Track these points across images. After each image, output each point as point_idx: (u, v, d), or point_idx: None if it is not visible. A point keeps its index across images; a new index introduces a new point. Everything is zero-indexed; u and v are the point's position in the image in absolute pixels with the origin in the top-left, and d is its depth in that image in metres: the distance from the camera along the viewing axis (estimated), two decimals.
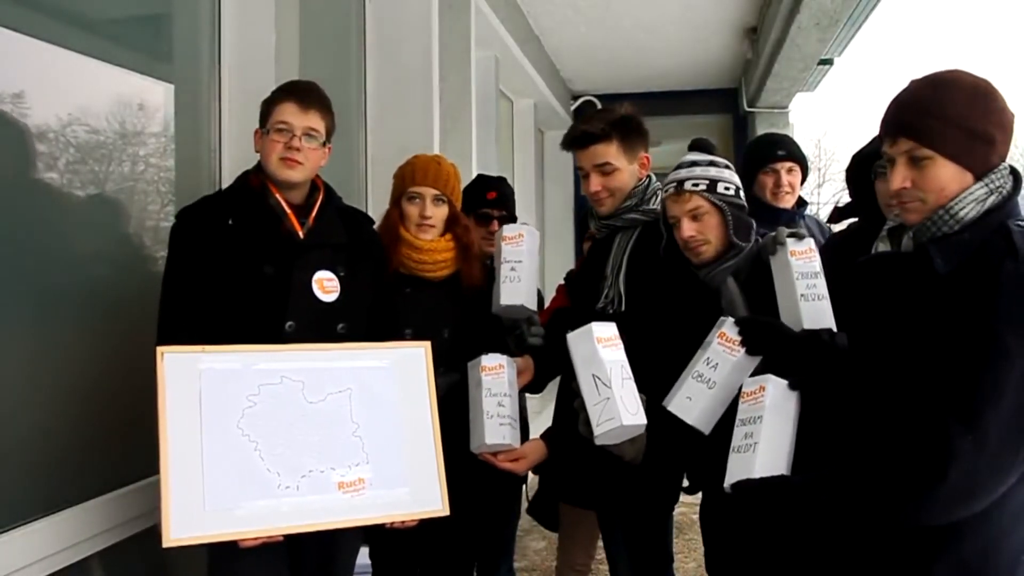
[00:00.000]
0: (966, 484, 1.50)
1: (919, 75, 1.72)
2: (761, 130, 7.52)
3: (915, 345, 1.61)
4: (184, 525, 1.84)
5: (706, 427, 2.01)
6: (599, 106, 7.67)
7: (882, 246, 1.80)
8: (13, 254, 2.08)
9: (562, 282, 2.89)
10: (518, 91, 7.25)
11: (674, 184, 2.24)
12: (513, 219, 3.12)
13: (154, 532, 2.27)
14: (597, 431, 2.02)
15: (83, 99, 2.37)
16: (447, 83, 4.24)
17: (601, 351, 2.05)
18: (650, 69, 8.00)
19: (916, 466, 1.52)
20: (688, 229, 2.21)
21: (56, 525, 2.07)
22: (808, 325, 1.98)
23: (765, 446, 1.75)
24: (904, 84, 1.73)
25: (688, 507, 4.86)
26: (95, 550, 2.21)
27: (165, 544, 1.82)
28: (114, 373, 2.30)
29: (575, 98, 8.77)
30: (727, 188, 2.24)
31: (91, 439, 2.25)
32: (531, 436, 2.47)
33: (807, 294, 2.03)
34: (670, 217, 2.27)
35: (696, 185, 2.22)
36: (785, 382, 1.81)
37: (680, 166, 2.28)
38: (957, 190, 1.63)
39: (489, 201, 3.11)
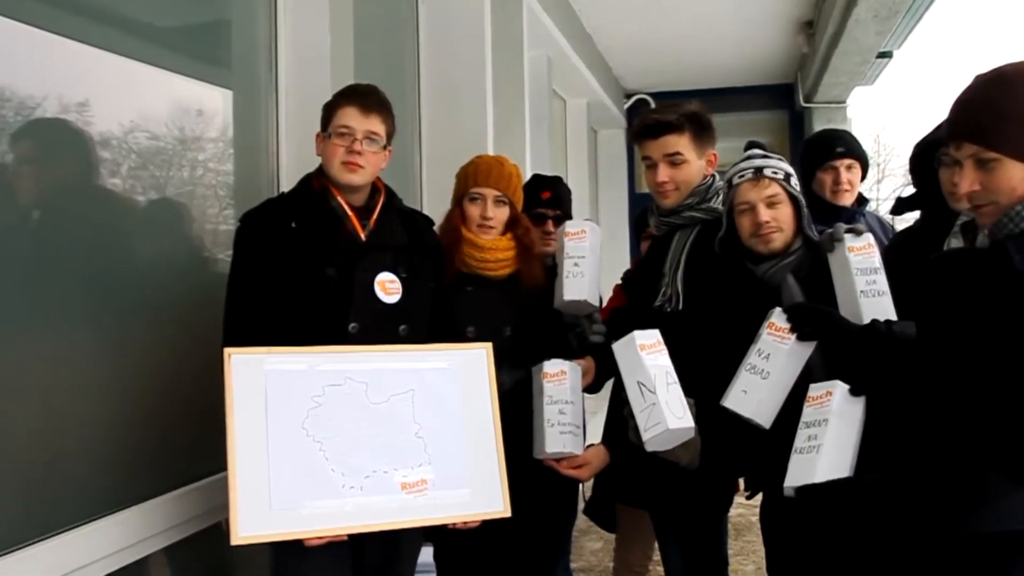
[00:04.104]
0: None
1: (984, 70, 1.67)
2: (818, 126, 7.41)
3: (991, 343, 1.56)
4: (252, 523, 1.86)
5: (765, 420, 1.98)
6: (652, 104, 7.64)
7: (955, 242, 1.76)
8: (80, 258, 2.13)
9: (619, 282, 2.87)
10: (571, 90, 7.23)
11: (752, 170, 2.23)
12: (569, 218, 3.10)
13: (217, 529, 2.31)
14: (645, 436, 2.02)
15: (144, 106, 2.41)
16: (500, 83, 4.24)
17: (645, 358, 2.06)
18: (703, 66, 7.92)
19: (990, 470, 1.48)
20: (765, 214, 2.19)
21: (122, 522, 2.11)
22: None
23: (829, 449, 1.72)
24: (968, 80, 1.67)
25: (747, 509, 4.80)
26: (159, 547, 2.24)
27: (233, 542, 1.84)
28: (179, 372, 2.34)
29: (628, 96, 8.72)
30: (796, 184, 2.25)
31: (156, 438, 2.28)
32: (586, 437, 2.46)
33: (867, 290, 2.00)
34: (742, 203, 2.23)
35: (776, 173, 2.22)
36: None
37: (751, 158, 2.27)
38: None
39: (544, 201, 3.10)
